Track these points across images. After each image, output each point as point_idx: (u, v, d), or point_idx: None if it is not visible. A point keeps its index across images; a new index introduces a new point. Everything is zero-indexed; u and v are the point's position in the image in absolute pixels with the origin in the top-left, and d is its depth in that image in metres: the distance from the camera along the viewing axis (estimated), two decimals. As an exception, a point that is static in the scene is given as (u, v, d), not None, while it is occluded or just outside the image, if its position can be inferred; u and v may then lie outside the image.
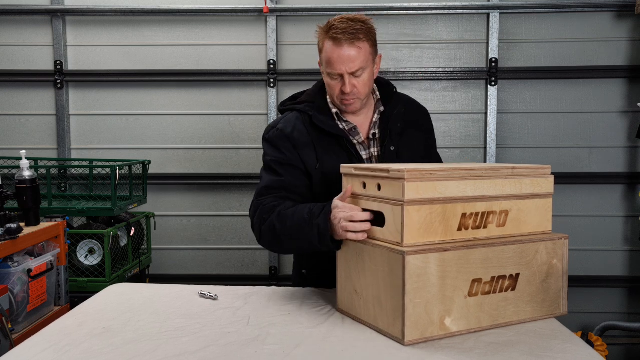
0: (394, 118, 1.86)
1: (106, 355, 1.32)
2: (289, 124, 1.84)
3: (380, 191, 1.42)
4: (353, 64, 1.69)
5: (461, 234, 1.42)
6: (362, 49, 1.70)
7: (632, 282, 3.62)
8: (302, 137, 1.80)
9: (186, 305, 1.69)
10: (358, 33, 1.69)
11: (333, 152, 1.79)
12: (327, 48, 1.72)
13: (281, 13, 3.58)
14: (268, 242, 1.73)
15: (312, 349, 1.34)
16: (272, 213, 1.69)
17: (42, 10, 3.62)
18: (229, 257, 3.75)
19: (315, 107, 1.84)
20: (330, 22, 1.72)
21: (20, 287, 2.21)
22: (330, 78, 1.76)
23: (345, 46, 1.68)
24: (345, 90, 1.73)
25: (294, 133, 1.81)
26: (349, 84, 1.71)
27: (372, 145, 1.86)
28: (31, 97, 3.71)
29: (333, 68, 1.71)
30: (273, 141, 1.83)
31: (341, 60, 1.69)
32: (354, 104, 1.78)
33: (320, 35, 1.75)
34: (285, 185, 1.77)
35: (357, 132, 1.84)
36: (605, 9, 3.51)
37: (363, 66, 1.72)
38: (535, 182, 1.54)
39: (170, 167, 3.72)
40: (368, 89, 1.79)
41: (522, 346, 1.35)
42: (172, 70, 3.65)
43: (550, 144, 3.61)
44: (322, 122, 1.80)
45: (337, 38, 1.68)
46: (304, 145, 1.80)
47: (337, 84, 1.74)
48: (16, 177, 2.39)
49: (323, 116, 1.82)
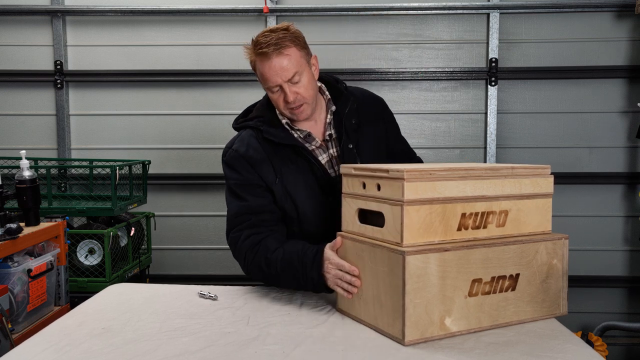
0: (347, 115, 1.84)
1: (106, 355, 1.32)
2: (242, 143, 1.82)
3: (379, 191, 1.42)
4: (286, 72, 1.69)
5: (461, 234, 1.42)
6: (292, 55, 1.70)
7: (632, 282, 3.63)
8: (257, 154, 1.79)
9: (186, 305, 1.69)
10: (282, 41, 1.68)
11: (291, 162, 1.79)
12: (258, 65, 1.73)
13: (281, 13, 3.58)
14: (257, 279, 1.80)
15: (312, 349, 1.34)
16: (255, 254, 1.71)
17: (42, 10, 3.62)
18: (229, 257, 3.68)
19: (266, 121, 1.82)
20: (254, 39, 1.72)
21: (20, 287, 2.21)
22: (271, 92, 1.75)
23: (274, 57, 1.68)
24: (288, 100, 1.72)
25: (248, 151, 1.79)
26: (289, 92, 1.71)
27: (330, 147, 1.85)
28: (31, 97, 3.71)
29: (269, 82, 1.71)
30: (230, 163, 1.82)
31: (274, 72, 1.69)
32: (304, 111, 1.76)
33: (249, 55, 1.75)
34: (251, 210, 1.76)
35: (312, 137, 1.83)
36: (605, 9, 3.51)
37: (297, 70, 1.70)
38: (535, 182, 1.54)
39: (170, 167, 3.73)
40: (312, 92, 1.76)
41: (522, 346, 1.35)
42: (172, 70, 3.65)
43: (550, 144, 3.61)
44: (273, 135, 1.79)
45: (263, 52, 1.68)
46: (260, 162, 1.78)
47: (280, 96, 1.74)
48: (16, 177, 2.39)
49: (274, 129, 1.80)
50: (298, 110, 1.75)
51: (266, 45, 1.67)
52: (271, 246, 1.70)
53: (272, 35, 1.68)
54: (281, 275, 1.68)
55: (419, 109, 3.64)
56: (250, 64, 1.78)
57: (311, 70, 1.77)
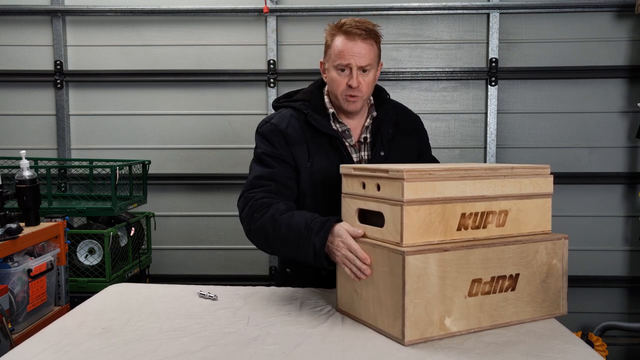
0: (386, 124, 1.89)
1: (106, 355, 1.32)
2: (283, 119, 1.85)
3: (379, 191, 1.42)
4: (363, 58, 1.74)
5: (460, 234, 1.42)
6: (373, 48, 1.77)
7: (632, 282, 3.62)
8: (295, 133, 1.82)
9: (186, 305, 1.69)
10: (372, 33, 1.76)
11: (325, 151, 1.82)
12: (338, 42, 1.76)
13: (281, 13, 3.58)
14: (258, 242, 1.73)
15: (312, 349, 1.34)
16: (265, 214, 1.67)
17: (42, 10, 3.62)
18: (229, 257, 3.75)
19: (312, 106, 1.86)
20: (342, 20, 1.77)
21: (20, 287, 2.21)
22: (337, 72, 1.78)
23: (359, 41, 1.73)
24: (352, 84, 1.75)
25: (287, 129, 1.82)
26: (356, 78, 1.75)
27: (362, 149, 1.89)
28: (31, 97, 3.71)
29: (344, 59, 1.74)
30: (266, 135, 1.84)
31: (353, 53, 1.73)
32: (357, 102, 1.80)
33: (331, 31, 1.79)
34: (275, 177, 1.77)
35: (350, 134, 1.87)
36: (605, 9, 3.51)
37: (371, 63, 1.77)
38: (535, 182, 1.54)
39: (170, 167, 3.72)
40: (370, 90, 1.83)
41: (522, 346, 1.35)
42: (172, 70, 3.65)
43: (550, 144, 3.61)
44: (316, 121, 1.82)
45: (351, 32, 1.73)
46: (296, 142, 1.81)
47: (344, 78, 1.77)
48: (16, 177, 2.39)
49: (318, 115, 1.84)
50: (353, 98, 1.79)
51: (356, 28, 1.73)
52: (281, 208, 1.67)
53: (365, 24, 1.75)
54: (283, 239, 1.62)
55: (419, 109, 3.64)
56: (326, 41, 1.81)
57: (376, 73, 1.84)
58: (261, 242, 1.72)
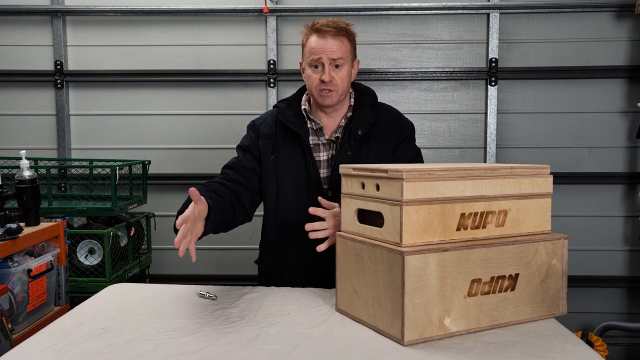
0: (357, 123, 1.91)
1: (106, 355, 1.32)
2: (263, 117, 2.03)
3: (378, 191, 1.42)
4: (334, 53, 1.83)
5: (460, 234, 1.42)
6: (344, 44, 1.86)
7: (632, 282, 3.62)
8: (266, 129, 1.97)
9: (186, 305, 1.69)
10: (341, 30, 1.85)
11: (291, 146, 1.93)
12: (311, 40, 1.87)
13: (281, 13, 3.58)
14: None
15: (311, 349, 1.34)
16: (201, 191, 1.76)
17: (42, 10, 3.62)
18: (229, 257, 3.75)
19: (288, 105, 1.99)
20: (315, 21, 1.88)
21: (20, 287, 2.21)
22: (312, 69, 1.87)
23: (329, 37, 1.84)
24: (324, 79, 1.84)
25: (261, 125, 1.98)
26: (328, 73, 1.84)
27: (333, 148, 1.94)
28: (31, 97, 3.71)
29: (315, 54, 1.84)
30: (246, 130, 2.04)
31: (323, 49, 1.83)
32: (331, 96, 1.87)
33: (306, 32, 1.90)
34: (236, 167, 1.93)
35: (323, 132, 1.94)
36: (605, 9, 3.51)
37: (343, 57, 1.85)
38: (534, 181, 1.54)
39: (170, 167, 3.73)
40: (345, 85, 1.88)
41: (522, 346, 1.35)
42: (172, 70, 3.66)
43: (550, 144, 3.61)
44: (285, 117, 1.94)
45: (322, 30, 1.84)
46: (264, 137, 1.95)
47: (318, 74, 1.86)
48: (16, 177, 2.39)
49: (290, 112, 1.96)
50: (327, 93, 1.86)
51: (327, 26, 1.84)
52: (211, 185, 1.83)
53: (337, 22, 1.85)
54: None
55: (419, 109, 3.64)
56: (302, 42, 1.92)
57: (351, 68, 1.91)
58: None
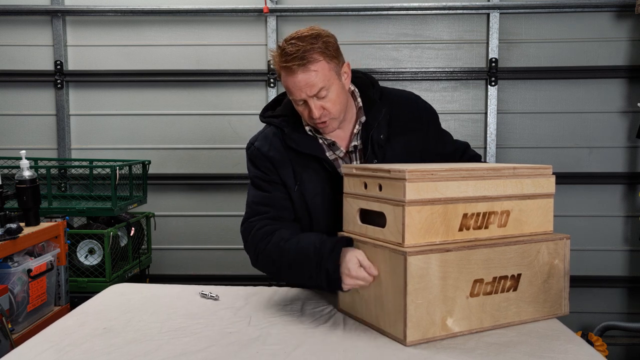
0: (377, 128, 1.72)
1: (107, 355, 1.32)
2: (265, 141, 1.75)
3: (381, 191, 1.42)
4: (311, 88, 1.57)
5: (462, 234, 1.42)
6: (318, 70, 1.56)
7: (632, 282, 3.63)
8: (278, 155, 1.72)
9: (187, 305, 1.69)
10: (309, 54, 1.55)
11: (312, 170, 1.71)
12: (283, 76, 1.61)
13: (281, 13, 3.58)
14: (265, 270, 1.70)
15: (313, 349, 1.34)
16: (269, 243, 1.62)
17: (42, 10, 3.61)
18: (229, 257, 3.74)
19: (291, 123, 1.73)
20: (281, 45, 1.59)
21: (20, 287, 2.21)
22: (296, 105, 1.65)
23: (299, 73, 1.55)
24: (313, 116, 1.61)
25: (270, 152, 1.72)
26: (314, 107, 1.59)
27: (353, 158, 1.75)
28: (31, 97, 3.71)
29: (293, 95, 1.61)
30: (253, 160, 1.76)
31: (298, 87, 1.57)
32: (330, 125, 1.66)
33: (275, 62, 1.62)
34: (272, 202, 1.70)
35: (337, 146, 1.73)
36: (605, 9, 3.51)
37: (324, 85, 1.58)
38: (537, 182, 1.54)
39: (170, 167, 3.72)
40: (340, 106, 1.64)
41: (524, 346, 1.35)
42: (171, 70, 3.65)
43: (550, 144, 3.61)
44: (296, 142, 1.70)
45: (287, 67, 1.56)
46: (281, 165, 1.71)
47: (305, 109, 1.63)
48: (16, 177, 2.39)
49: (297, 134, 1.71)
50: (323, 125, 1.65)
51: (291, 59, 1.54)
52: (285, 235, 1.60)
53: (300, 45, 1.54)
54: (293, 266, 1.56)
55: (419, 109, 3.64)
56: (276, 71, 1.66)
57: (341, 82, 1.64)
58: (269, 271, 1.69)
